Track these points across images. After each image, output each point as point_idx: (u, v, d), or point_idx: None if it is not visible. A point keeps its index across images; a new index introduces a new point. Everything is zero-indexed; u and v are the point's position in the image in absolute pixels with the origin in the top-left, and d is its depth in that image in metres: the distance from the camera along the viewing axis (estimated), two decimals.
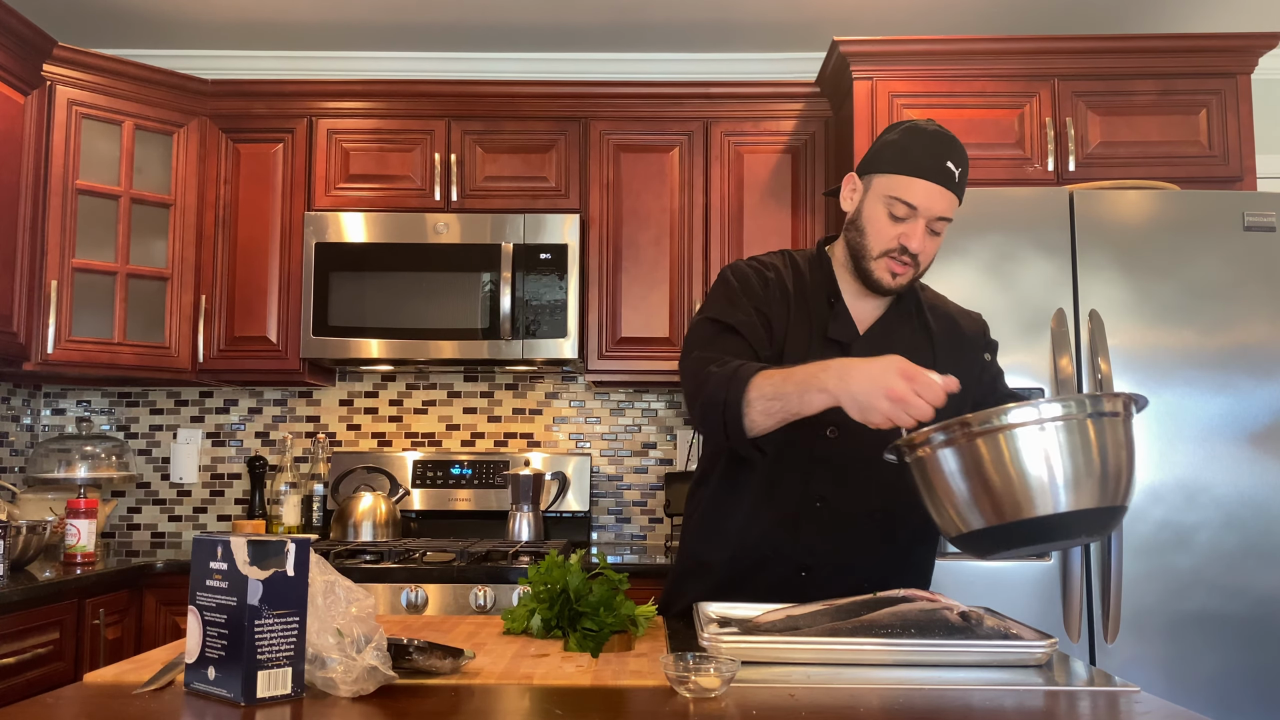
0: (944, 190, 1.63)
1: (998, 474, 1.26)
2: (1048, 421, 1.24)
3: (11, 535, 2.57)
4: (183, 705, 1.11)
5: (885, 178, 1.66)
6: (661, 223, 3.32)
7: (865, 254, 1.68)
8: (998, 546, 1.33)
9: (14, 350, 2.95)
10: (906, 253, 1.65)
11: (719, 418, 1.56)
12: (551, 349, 3.18)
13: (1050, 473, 1.25)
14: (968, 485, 1.29)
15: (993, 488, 1.27)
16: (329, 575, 1.19)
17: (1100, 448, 1.26)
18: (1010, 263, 2.64)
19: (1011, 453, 1.25)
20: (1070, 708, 1.16)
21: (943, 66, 3.02)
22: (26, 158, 3.00)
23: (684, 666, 1.17)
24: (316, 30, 3.55)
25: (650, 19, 3.46)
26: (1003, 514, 1.27)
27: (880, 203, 1.66)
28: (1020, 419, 1.25)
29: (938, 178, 1.62)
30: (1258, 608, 2.53)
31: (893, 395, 1.37)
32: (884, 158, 1.67)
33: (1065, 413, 1.25)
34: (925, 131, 1.66)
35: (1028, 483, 1.25)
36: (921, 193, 1.62)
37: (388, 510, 3.27)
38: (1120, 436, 1.28)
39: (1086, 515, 1.26)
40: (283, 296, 3.30)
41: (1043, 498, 1.25)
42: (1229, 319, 2.61)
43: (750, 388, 1.52)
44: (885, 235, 1.66)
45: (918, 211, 1.63)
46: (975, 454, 1.27)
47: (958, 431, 1.29)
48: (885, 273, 1.67)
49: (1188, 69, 3.01)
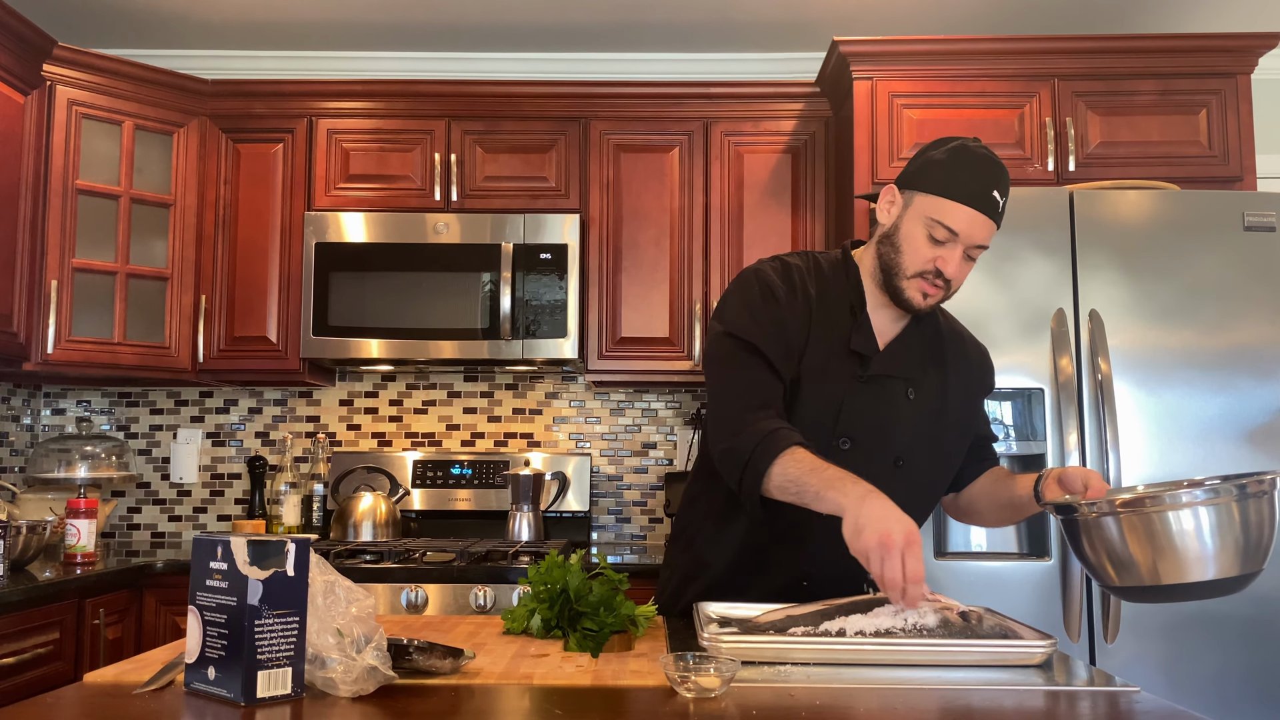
0: (987, 219, 1.61)
1: (1154, 545, 1.41)
2: (1201, 506, 1.39)
3: (11, 535, 2.57)
4: (183, 705, 1.11)
5: (928, 198, 1.62)
6: (661, 223, 3.32)
7: (898, 271, 1.65)
8: (1153, 599, 1.48)
9: (14, 350, 2.95)
10: (941, 276, 1.63)
11: (738, 472, 1.57)
12: (551, 349, 3.18)
13: (1203, 547, 1.40)
14: (1128, 551, 1.43)
15: (1152, 555, 1.42)
16: (329, 575, 1.19)
17: (1243, 524, 1.40)
18: (1010, 263, 2.64)
19: (1174, 528, 1.40)
20: (1070, 708, 1.16)
21: (943, 66, 3.02)
22: (26, 158, 3.00)
23: (684, 666, 1.17)
24: (316, 30, 3.56)
25: (650, 19, 3.46)
26: (1158, 578, 1.42)
27: (920, 223, 1.63)
28: (1182, 501, 1.40)
29: (982, 206, 1.60)
30: (1258, 608, 2.52)
31: (869, 559, 1.38)
32: (930, 177, 1.63)
33: (1217, 497, 1.40)
34: (974, 154, 1.62)
35: (1183, 554, 1.40)
36: (964, 219, 1.60)
37: (388, 510, 3.27)
38: (1265, 513, 1.43)
39: (1231, 580, 1.42)
40: (283, 296, 3.30)
41: (1198, 566, 1.40)
42: (1229, 319, 2.61)
43: (777, 462, 1.52)
44: (922, 256, 1.63)
45: (958, 238, 1.61)
46: (1139, 525, 1.42)
47: (1128, 507, 1.43)
48: (917, 293, 1.65)
49: (1188, 69, 3.01)
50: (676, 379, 3.32)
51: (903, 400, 1.69)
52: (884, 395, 1.67)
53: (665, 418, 3.65)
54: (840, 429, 1.64)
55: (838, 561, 1.68)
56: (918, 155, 1.69)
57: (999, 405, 2.67)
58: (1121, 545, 1.43)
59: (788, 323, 1.67)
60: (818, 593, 1.67)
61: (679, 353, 3.28)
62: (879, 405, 1.67)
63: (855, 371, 1.67)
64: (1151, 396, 2.59)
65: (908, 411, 1.69)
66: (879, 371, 1.67)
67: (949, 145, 1.65)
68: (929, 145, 1.69)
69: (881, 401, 1.67)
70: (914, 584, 1.34)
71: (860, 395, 1.66)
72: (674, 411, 3.65)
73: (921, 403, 1.71)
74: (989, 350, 1.90)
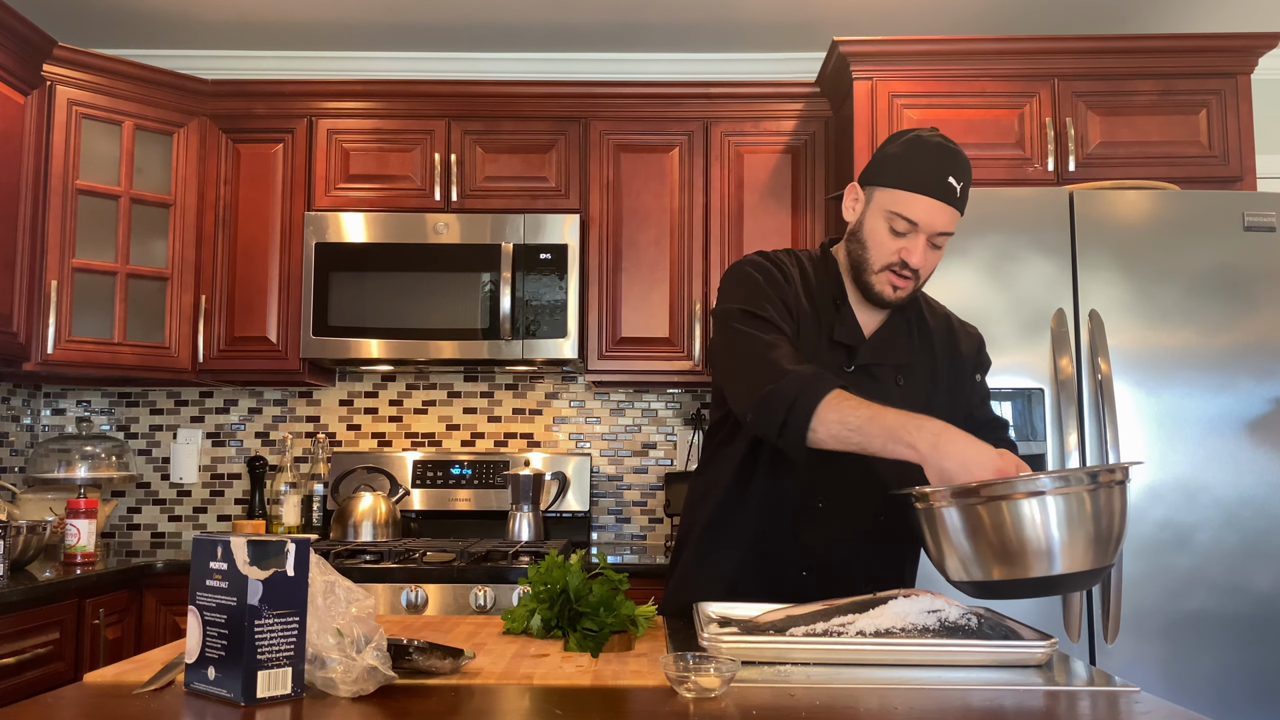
0: (945, 206, 1.62)
1: (998, 538, 1.34)
2: (1049, 495, 1.31)
3: (11, 535, 2.57)
4: (183, 705, 1.11)
5: (887, 192, 1.64)
6: (661, 223, 3.32)
7: (866, 267, 1.68)
8: (995, 595, 1.40)
9: (14, 350, 2.95)
10: (907, 267, 1.65)
11: (780, 417, 1.51)
12: (551, 349, 3.18)
13: (1049, 539, 1.33)
14: (972, 544, 1.36)
15: (995, 549, 1.35)
16: (329, 575, 1.19)
17: (1095, 515, 1.33)
18: (1010, 263, 2.64)
19: (1014, 520, 1.33)
20: (1070, 708, 1.16)
21: (943, 66, 3.02)
22: (26, 158, 3.00)
23: (684, 666, 1.17)
24: (316, 30, 3.55)
25: (650, 19, 3.46)
26: (1004, 572, 1.36)
27: (881, 217, 1.65)
28: (1025, 489, 1.32)
29: (939, 194, 1.61)
30: (1257, 608, 2.53)
31: None
32: (886, 171, 1.65)
33: (1065, 486, 1.33)
34: (928, 144, 1.64)
35: (1027, 548, 1.33)
36: (923, 209, 1.62)
37: (388, 510, 3.27)
38: (1116, 505, 1.35)
39: (1079, 575, 1.35)
40: (283, 296, 3.30)
41: (1041, 561, 1.33)
42: (1229, 319, 2.61)
43: (826, 406, 1.48)
44: (886, 250, 1.65)
45: (919, 227, 1.63)
46: (980, 517, 1.35)
47: (969, 495, 1.35)
48: (886, 286, 1.67)
49: (1188, 69, 3.01)
50: (676, 379, 3.32)
51: (892, 388, 1.71)
52: (873, 385, 1.68)
53: (665, 418, 3.65)
54: None
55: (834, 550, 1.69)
56: (876, 151, 1.71)
57: (999, 405, 2.67)
58: (966, 537, 1.36)
59: (787, 305, 1.69)
60: (818, 581, 1.68)
61: (679, 353, 3.28)
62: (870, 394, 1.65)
63: (842, 363, 1.69)
64: (1151, 396, 2.59)
65: (898, 399, 1.69)
66: (866, 361, 1.70)
67: (904, 138, 1.67)
68: (886, 140, 1.71)
69: (870, 391, 1.66)
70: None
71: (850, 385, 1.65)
72: (674, 411, 3.65)
73: (912, 389, 1.72)
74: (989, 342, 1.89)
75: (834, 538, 1.70)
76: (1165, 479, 2.56)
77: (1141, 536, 2.54)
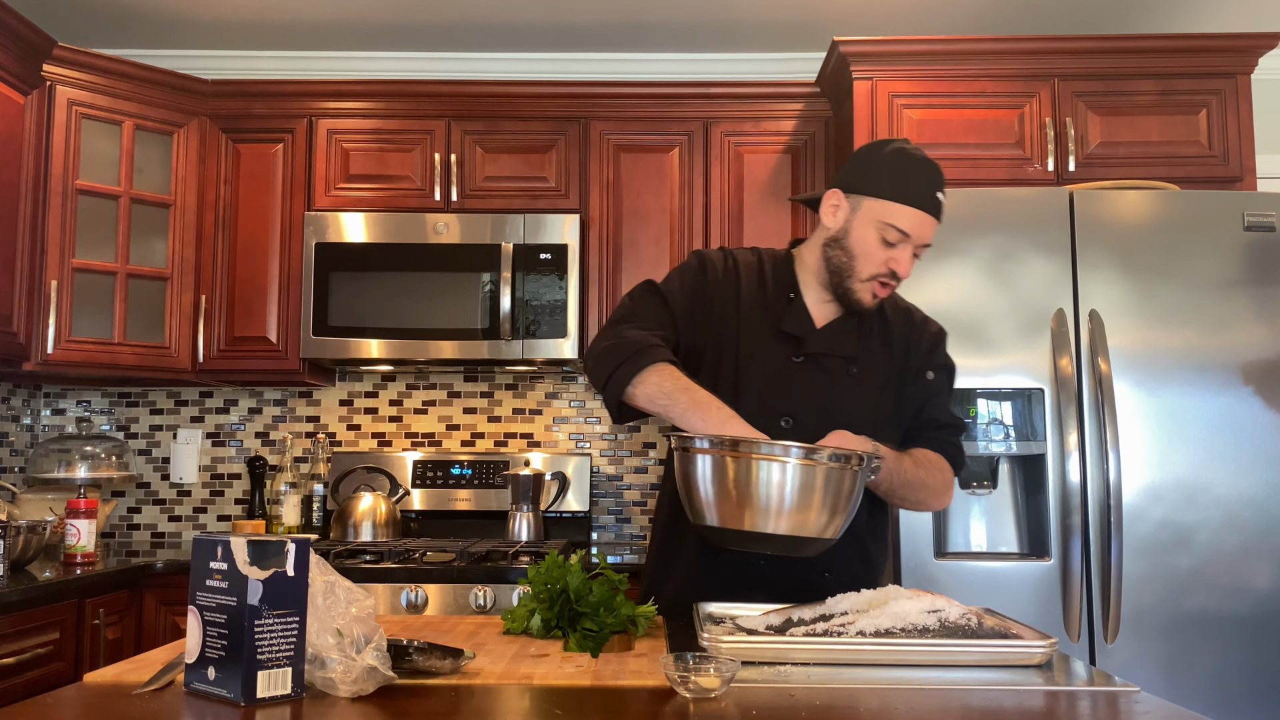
0: (933, 219, 1.68)
1: (736, 489, 1.47)
2: (793, 462, 1.45)
3: (11, 535, 2.57)
4: (183, 705, 1.11)
5: (879, 203, 1.67)
6: (661, 223, 3.32)
7: (851, 274, 1.70)
8: (731, 543, 1.52)
9: (14, 350, 2.95)
10: (895, 276, 1.69)
11: (610, 367, 1.63)
12: (551, 349, 3.18)
13: (773, 500, 1.45)
14: (713, 489, 1.49)
15: (729, 499, 1.48)
16: (329, 575, 1.19)
17: (824, 489, 1.46)
18: (1010, 263, 2.64)
19: (751, 476, 1.46)
20: (1070, 708, 1.16)
21: (943, 66, 3.02)
22: (26, 158, 3.00)
23: (684, 666, 1.17)
24: (316, 30, 3.55)
25: (650, 19, 3.46)
26: (727, 521, 1.49)
27: (872, 227, 1.67)
28: (766, 453, 1.45)
29: (929, 207, 1.66)
30: (1258, 608, 2.53)
31: None
32: (877, 181, 1.68)
33: (801, 456, 1.45)
34: (916, 158, 1.68)
35: (755, 503, 1.46)
36: (915, 221, 1.66)
37: (388, 510, 3.27)
38: (846, 486, 1.47)
39: (799, 540, 1.48)
40: (283, 296, 3.30)
41: (763, 518, 1.46)
42: (1229, 319, 2.61)
43: (652, 370, 1.60)
44: (875, 259, 1.68)
45: (909, 239, 1.67)
46: (731, 467, 1.48)
47: (723, 446, 1.48)
48: (868, 294, 1.71)
49: (1188, 69, 3.01)
50: None
51: (845, 378, 1.74)
52: (821, 374, 1.73)
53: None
54: (782, 409, 1.70)
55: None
56: (857, 159, 1.73)
57: (999, 405, 2.67)
58: (715, 484, 1.48)
59: (709, 294, 1.74)
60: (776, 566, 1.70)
61: None
62: (817, 384, 1.73)
63: (792, 354, 1.74)
64: (1151, 396, 2.59)
65: (848, 388, 1.74)
66: (815, 351, 1.74)
67: (889, 148, 1.70)
68: (866, 149, 1.74)
69: (821, 382, 1.73)
70: None
71: (797, 375, 1.72)
72: None
73: (865, 380, 1.75)
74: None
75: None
76: (1165, 479, 2.56)
77: (1141, 536, 2.54)
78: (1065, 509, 2.53)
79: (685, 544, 1.77)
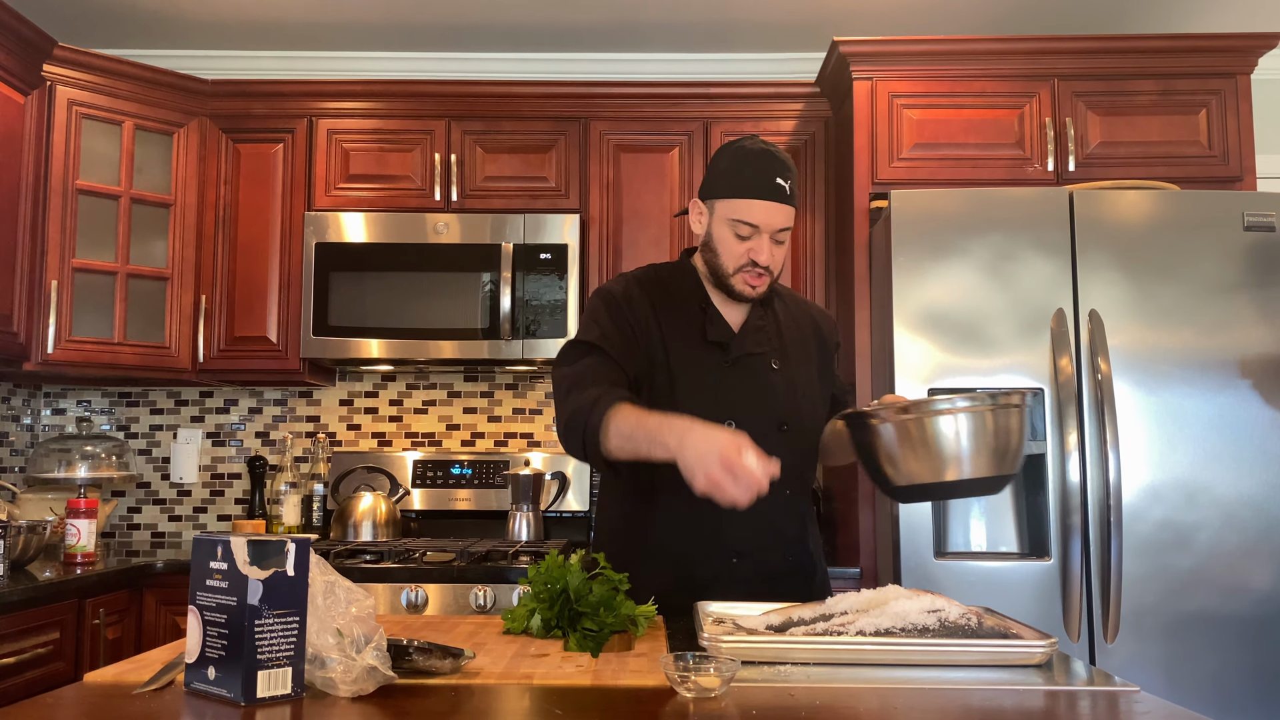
0: (778, 205, 1.78)
1: (924, 447, 1.60)
2: (960, 412, 1.58)
3: (11, 535, 2.57)
4: (183, 705, 1.11)
5: (725, 202, 1.80)
6: (661, 223, 3.32)
7: (723, 271, 1.82)
8: (923, 498, 1.73)
9: (14, 350, 2.95)
10: (757, 265, 1.80)
11: (579, 440, 1.69)
12: (551, 349, 3.17)
13: (959, 448, 1.59)
14: (900, 452, 1.62)
15: (920, 457, 1.61)
16: (329, 575, 1.19)
17: (994, 431, 1.59)
18: (1010, 263, 2.64)
19: (935, 432, 1.59)
20: (1070, 708, 1.16)
21: (943, 66, 3.02)
22: (26, 158, 3.00)
23: (684, 666, 1.17)
24: (316, 30, 3.55)
25: (650, 19, 3.46)
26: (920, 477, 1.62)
27: (725, 225, 1.80)
28: (942, 408, 1.60)
29: (770, 195, 1.77)
30: (1258, 608, 2.53)
31: (710, 478, 1.46)
32: (719, 184, 1.81)
33: (973, 405, 1.59)
34: (750, 152, 1.79)
35: (944, 455, 1.59)
36: (760, 212, 1.77)
37: (388, 510, 3.27)
38: (1014, 424, 1.60)
39: (987, 480, 1.61)
40: (283, 296, 3.30)
41: (952, 467, 1.59)
42: (1229, 319, 2.61)
43: (608, 419, 1.64)
44: (735, 253, 1.80)
45: (760, 229, 1.78)
46: (911, 430, 1.61)
47: (906, 413, 1.61)
48: (744, 285, 1.82)
49: (1188, 69, 3.01)
50: None
51: (770, 373, 1.87)
52: (751, 373, 1.85)
53: None
54: (723, 411, 1.78)
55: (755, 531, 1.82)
56: (708, 166, 1.86)
57: None
58: (897, 448, 1.61)
59: (632, 325, 1.83)
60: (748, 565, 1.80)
61: None
62: (751, 383, 1.85)
63: (720, 359, 1.84)
64: (1151, 396, 2.59)
65: (778, 381, 1.87)
66: (740, 352, 1.85)
67: (729, 150, 1.82)
68: (715, 155, 1.86)
69: (751, 379, 1.85)
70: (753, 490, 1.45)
71: (730, 378, 1.84)
72: None
73: (787, 371, 1.89)
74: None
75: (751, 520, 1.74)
76: (1165, 479, 2.56)
77: (1141, 536, 2.54)
78: (1065, 509, 2.53)
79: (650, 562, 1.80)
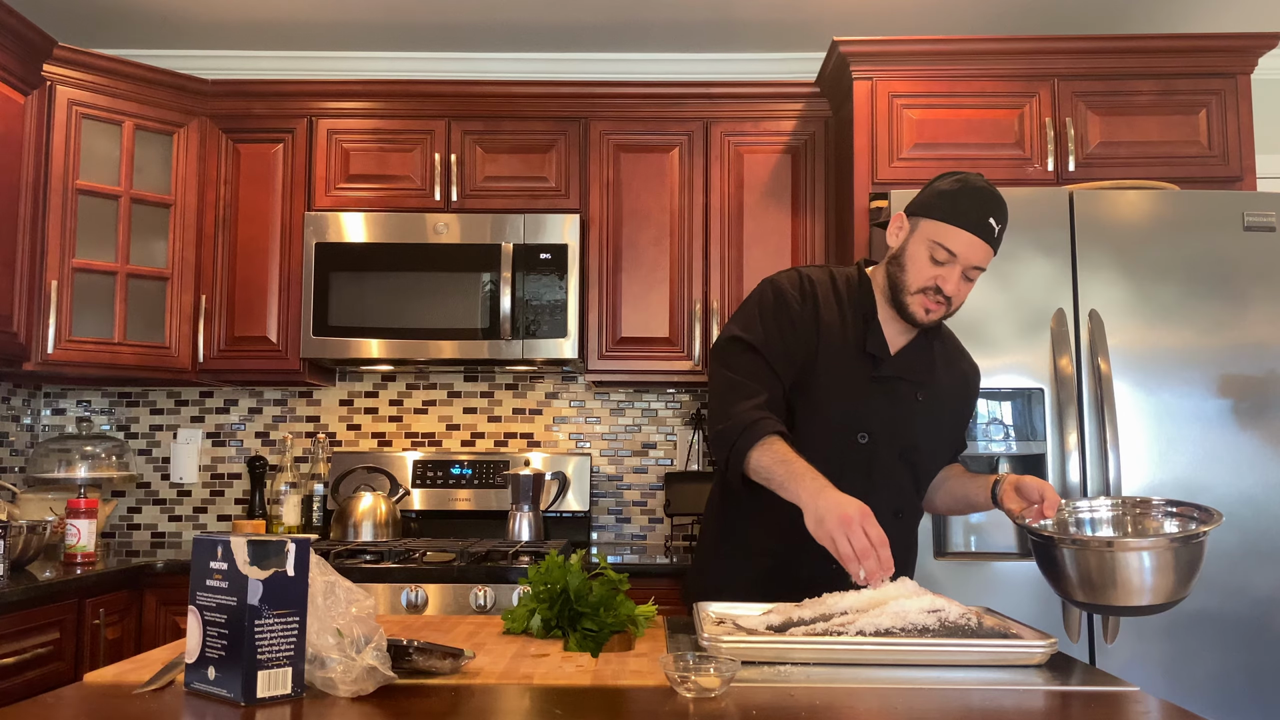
0: (983, 243, 1.80)
1: (1102, 576, 1.68)
2: (1146, 550, 1.66)
3: (11, 535, 2.57)
4: (183, 705, 1.11)
5: (932, 223, 1.81)
6: (661, 223, 3.32)
7: (903, 288, 1.84)
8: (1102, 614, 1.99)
9: (14, 350, 2.95)
10: (941, 293, 1.82)
11: (725, 454, 1.77)
12: (551, 349, 3.18)
13: (1142, 580, 1.67)
14: (1077, 575, 1.71)
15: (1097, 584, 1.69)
16: (329, 575, 1.19)
17: (1177, 564, 1.66)
18: (1010, 263, 2.64)
19: (1118, 563, 1.67)
20: (1070, 708, 1.16)
21: (943, 66, 3.02)
22: (26, 158, 3.00)
23: (684, 666, 1.17)
24: (316, 30, 3.55)
25: (650, 19, 3.46)
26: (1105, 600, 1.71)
27: (924, 245, 1.82)
28: (1132, 545, 1.68)
29: (979, 231, 1.79)
30: (1258, 608, 2.52)
31: (835, 540, 1.54)
32: (934, 206, 1.82)
33: (1160, 543, 1.67)
34: (974, 186, 1.82)
35: (1128, 586, 1.67)
36: (963, 242, 1.79)
37: (388, 510, 3.27)
38: (1198, 554, 1.67)
39: (1165, 605, 1.70)
40: (283, 296, 3.30)
41: (1137, 595, 1.67)
42: (1229, 319, 2.61)
43: (755, 449, 1.72)
44: (924, 275, 1.82)
45: (957, 259, 1.80)
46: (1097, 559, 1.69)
47: (1081, 543, 1.72)
48: (919, 308, 1.84)
49: (1188, 69, 3.01)
50: (676, 379, 3.32)
51: (912, 401, 1.90)
52: (896, 396, 1.88)
53: (665, 418, 3.65)
54: (860, 424, 1.85)
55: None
56: (926, 187, 1.88)
57: (999, 405, 2.67)
58: (1081, 569, 1.68)
59: (796, 329, 1.85)
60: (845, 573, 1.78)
61: (679, 353, 3.28)
62: (892, 405, 1.88)
63: (870, 373, 1.87)
64: (1151, 396, 2.59)
65: (916, 411, 1.90)
66: (890, 373, 1.88)
67: (953, 177, 1.85)
68: (937, 178, 1.88)
69: (893, 402, 1.88)
70: (881, 546, 1.51)
71: (876, 395, 1.87)
72: (674, 411, 3.65)
73: (926, 405, 1.91)
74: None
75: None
76: (1165, 479, 2.56)
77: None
78: None
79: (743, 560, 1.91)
